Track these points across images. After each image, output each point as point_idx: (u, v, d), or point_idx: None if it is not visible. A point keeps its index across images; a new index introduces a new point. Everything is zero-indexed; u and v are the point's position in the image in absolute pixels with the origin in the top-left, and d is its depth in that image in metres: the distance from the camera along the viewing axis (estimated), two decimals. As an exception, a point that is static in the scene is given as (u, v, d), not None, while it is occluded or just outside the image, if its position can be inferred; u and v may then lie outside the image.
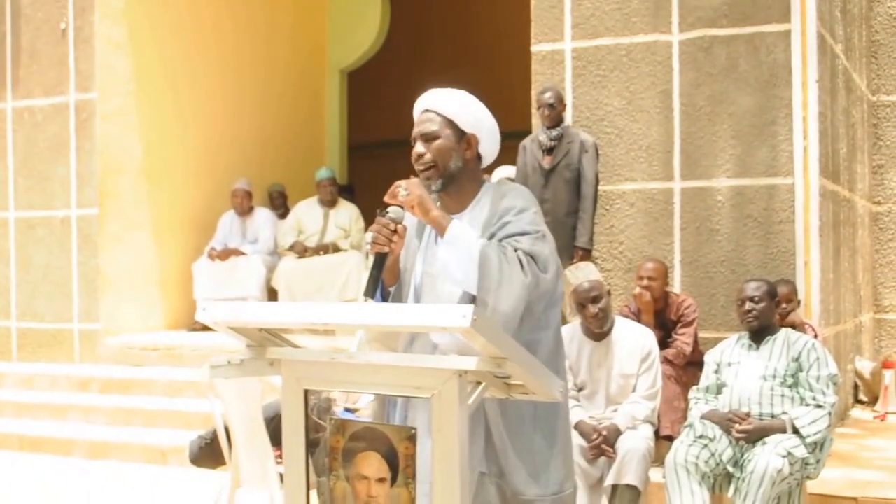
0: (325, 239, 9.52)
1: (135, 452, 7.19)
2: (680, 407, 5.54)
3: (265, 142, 10.80)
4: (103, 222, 9.07)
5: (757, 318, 4.77)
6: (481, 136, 2.93)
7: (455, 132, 2.90)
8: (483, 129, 2.93)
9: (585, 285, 4.91)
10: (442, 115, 2.90)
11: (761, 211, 6.50)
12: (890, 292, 8.75)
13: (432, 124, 2.90)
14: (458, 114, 2.90)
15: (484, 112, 2.95)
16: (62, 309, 9.18)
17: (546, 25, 7.00)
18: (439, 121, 2.89)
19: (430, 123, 2.90)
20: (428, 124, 2.90)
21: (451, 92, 2.96)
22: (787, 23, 6.44)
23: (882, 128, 8.78)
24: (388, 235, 2.79)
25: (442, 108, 2.91)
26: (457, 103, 2.92)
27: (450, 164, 2.88)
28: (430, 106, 2.92)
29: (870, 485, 5.31)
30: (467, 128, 2.91)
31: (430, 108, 2.92)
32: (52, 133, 9.24)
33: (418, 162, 2.90)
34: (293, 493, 2.34)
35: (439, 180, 2.89)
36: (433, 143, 2.88)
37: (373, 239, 2.76)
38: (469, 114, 2.92)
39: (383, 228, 2.78)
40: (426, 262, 2.91)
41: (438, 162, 2.88)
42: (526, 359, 2.12)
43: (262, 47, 10.80)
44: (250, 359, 2.41)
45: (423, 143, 2.89)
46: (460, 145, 2.90)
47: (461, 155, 2.90)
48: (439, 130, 2.88)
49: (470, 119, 2.91)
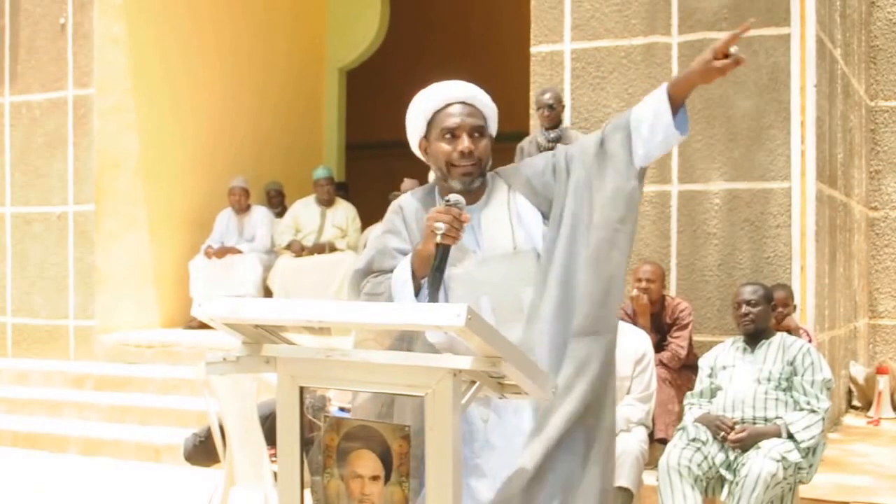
0: (322, 238, 9.52)
1: (129, 450, 7.19)
2: (674, 410, 5.54)
3: (263, 140, 10.80)
4: (100, 219, 9.06)
5: (753, 321, 4.78)
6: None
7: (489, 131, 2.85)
8: (494, 130, 2.89)
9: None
10: (482, 111, 2.81)
11: (758, 215, 6.50)
12: (885, 298, 8.76)
13: (479, 119, 2.79)
14: (490, 114, 2.85)
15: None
16: (58, 305, 9.18)
17: (546, 26, 7.00)
18: (481, 116, 2.81)
19: (478, 118, 2.79)
20: (477, 119, 2.79)
21: (478, 88, 2.87)
22: (786, 27, 6.45)
23: (880, 133, 8.79)
24: (459, 226, 2.57)
25: (482, 104, 2.82)
26: (489, 102, 2.85)
27: (488, 164, 2.84)
28: (469, 99, 2.81)
29: (861, 490, 5.32)
30: (492, 129, 2.87)
31: (471, 103, 2.80)
32: (49, 128, 9.23)
33: (467, 157, 2.77)
34: (287, 492, 2.34)
35: (479, 178, 2.81)
36: (481, 141, 2.79)
37: (445, 230, 2.54)
38: (494, 116, 2.87)
39: (454, 219, 2.55)
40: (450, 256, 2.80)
41: (483, 161, 2.80)
42: (521, 358, 2.12)
43: (260, 45, 10.80)
44: (246, 356, 2.41)
45: (470, 139, 2.77)
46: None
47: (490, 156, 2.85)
48: (485, 127, 2.81)
49: (494, 121, 2.87)
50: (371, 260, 2.86)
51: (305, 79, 11.81)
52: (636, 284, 5.89)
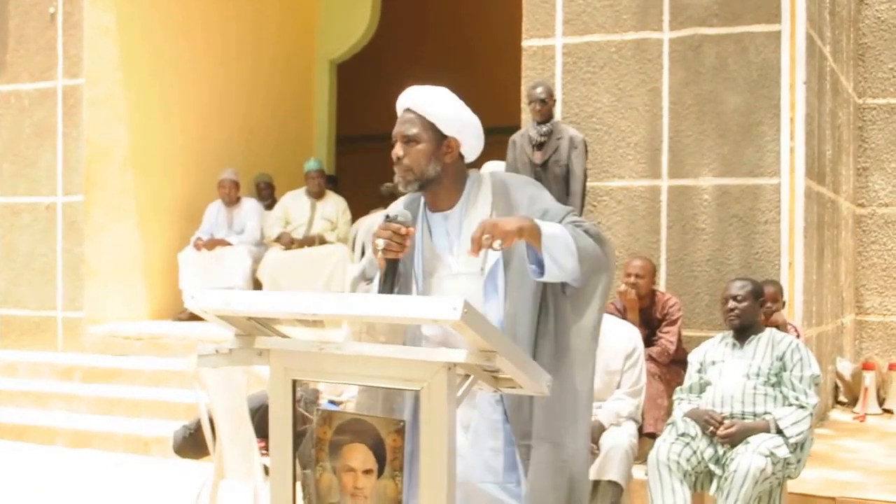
0: (312, 230, 9.50)
1: (118, 442, 7.18)
2: (663, 405, 5.56)
3: (252, 131, 10.78)
4: (89, 210, 9.04)
5: (739, 316, 4.80)
6: (462, 138, 2.83)
7: (435, 136, 2.78)
8: (464, 131, 2.83)
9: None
10: (423, 117, 2.79)
11: (747, 211, 6.52)
12: (872, 294, 8.80)
13: (413, 126, 2.79)
14: (440, 117, 2.79)
15: (465, 112, 2.84)
16: (46, 296, 9.15)
17: (537, 21, 7.00)
18: (420, 123, 2.79)
19: (410, 125, 2.79)
20: (408, 126, 2.79)
21: (432, 92, 2.86)
22: (776, 23, 6.47)
23: (867, 131, 8.82)
24: (400, 241, 2.62)
25: (423, 110, 2.80)
26: (439, 105, 2.81)
27: (427, 169, 2.79)
28: (413, 106, 2.81)
29: (848, 485, 5.34)
30: (449, 131, 2.80)
31: (412, 109, 2.81)
32: (38, 118, 9.20)
33: (396, 165, 2.80)
34: (279, 485, 2.34)
35: (416, 183, 2.80)
36: (413, 147, 2.78)
37: (385, 245, 2.60)
38: (450, 117, 2.81)
39: (394, 234, 2.61)
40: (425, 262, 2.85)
41: (415, 168, 2.78)
42: (515, 353, 2.13)
43: (250, 36, 10.77)
44: (238, 348, 2.40)
45: (402, 146, 2.80)
46: (440, 149, 2.79)
47: (440, 160, 2.80)
48: (419, 134, 2.78)
49: (451, 122, 2.80)
50: (364, 268, 3.00)
51: (296, 71, 11.78)
52: (625, 279, 5.90)
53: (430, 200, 2.89)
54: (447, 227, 2.87)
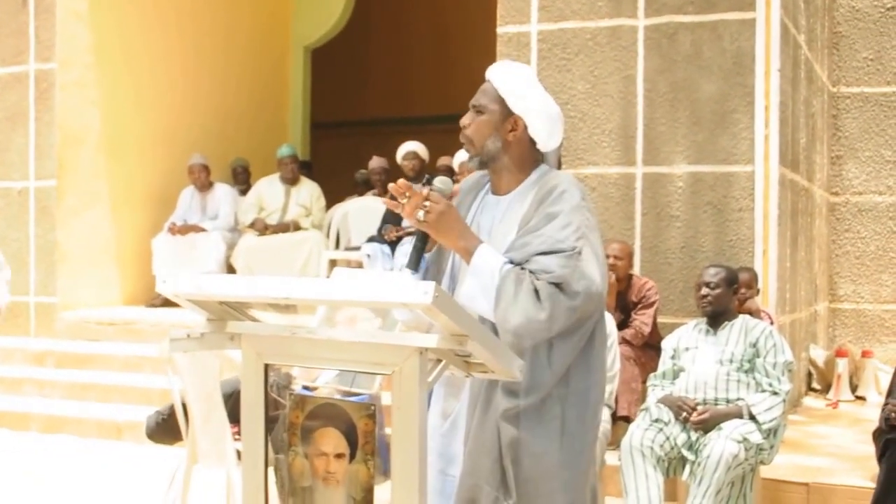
0: (286, 217, 9.47)
1: (90, 427, 7.15)
2: (637, 388, 5.59)
3: (226, 117, 10.72)
4: (61, 195, 8.97)
5: (711, 303, 4.82)
6: (529, 120, 2.77)
7: (503, 110, 2.76)
8: (531, 112, 2.77)
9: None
10: (496, 88, 2.78)
11: (720, 198, 6.55)
12: (845, 282, 8.86)
13: (484, 96, 2.78)
14: (509, 91, 2.76)
15: (536, 93, 2.80)
16: (18, 282, 9.04)
17: (512, 7, 6.99)
18: (491, 95, 2.78)
19: (482, 95, 2.79)
20: (480, 95, 2.80)
21: (512, 66, 2.85)
22: (751, 11, 6.48)
23: (841, 119, 8.87)
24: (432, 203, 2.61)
25: (498, 82, 2.79)
26: (511, 80, 2.78)
27: (487, 142, 2.76)
28: (490, 76, 2.81)
29: (821, 471, 5.39)
30: (515, 108, 2.76)
31: (490, 79, 2.81)
32: (10, 103, 9.12)
33: (461, 134, 2.80)
34: (251, 470, 2.33)
35: (476, 158, 2.79)
36: (478, 116, 2.78)
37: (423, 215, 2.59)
38: (518, 94, 2.77)
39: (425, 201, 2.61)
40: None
41: (475, 139, 2.77)
42: (487, 337, 2.12)
43: (224, 22, 10.71)
44: (210, 332, 2.38)
45: (470, 114, 2.79)
46: (504, 125, 2.76)
47: (502, 136, 2.76)
48: (487, 105, 2.77)
49: (518, 100, 2.76)
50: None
51: (270, 57, 11.73)
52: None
53: (493, 181, 2.85)
54: (496, 211, 2.82)
